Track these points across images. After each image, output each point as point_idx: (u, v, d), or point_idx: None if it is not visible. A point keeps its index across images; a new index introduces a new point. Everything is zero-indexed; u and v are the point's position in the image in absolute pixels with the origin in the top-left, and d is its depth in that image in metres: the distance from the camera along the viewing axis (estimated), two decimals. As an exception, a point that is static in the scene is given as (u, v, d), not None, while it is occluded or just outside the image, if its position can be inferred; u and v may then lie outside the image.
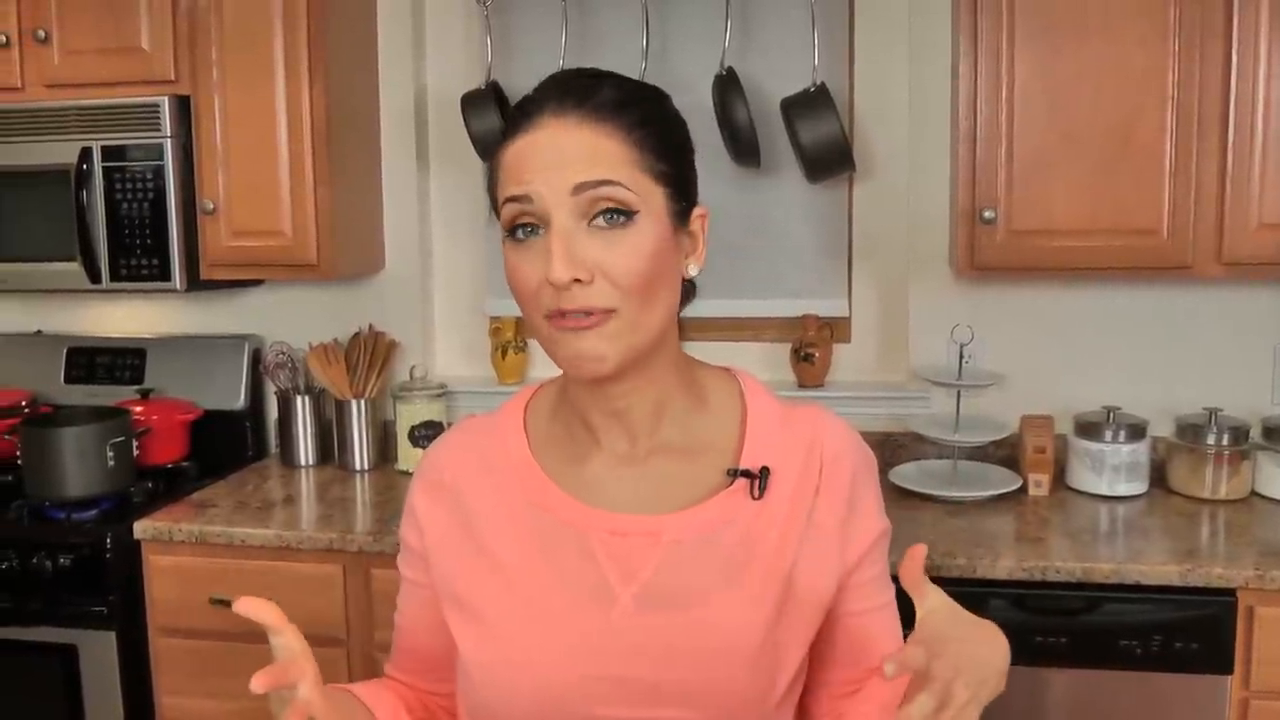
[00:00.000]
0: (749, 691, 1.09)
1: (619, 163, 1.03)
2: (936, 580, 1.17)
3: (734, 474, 1.13)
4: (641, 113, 1.06)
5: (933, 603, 0.96)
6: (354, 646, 2.28)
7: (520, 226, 1.04)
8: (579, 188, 1.01)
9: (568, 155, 1.02)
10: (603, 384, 1.09)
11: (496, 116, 2.61)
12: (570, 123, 1.03)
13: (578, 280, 1.00)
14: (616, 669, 1.08)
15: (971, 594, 2.03)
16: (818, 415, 1.19)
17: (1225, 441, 2.38)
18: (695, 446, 1.15)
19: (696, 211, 1.11)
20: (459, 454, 1.21)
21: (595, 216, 1.02)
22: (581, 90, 1.05)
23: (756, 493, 1.12)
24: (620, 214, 1.02)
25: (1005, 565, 2.04)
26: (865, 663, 1.19)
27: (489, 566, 1.14)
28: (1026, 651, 2.04)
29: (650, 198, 1.04)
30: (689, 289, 1.14)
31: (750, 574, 1.11)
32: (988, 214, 2.27)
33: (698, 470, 1.14)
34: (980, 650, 0.94)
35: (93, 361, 2.92)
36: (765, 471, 1.13)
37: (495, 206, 1.09)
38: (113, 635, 2.31)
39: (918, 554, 0.95)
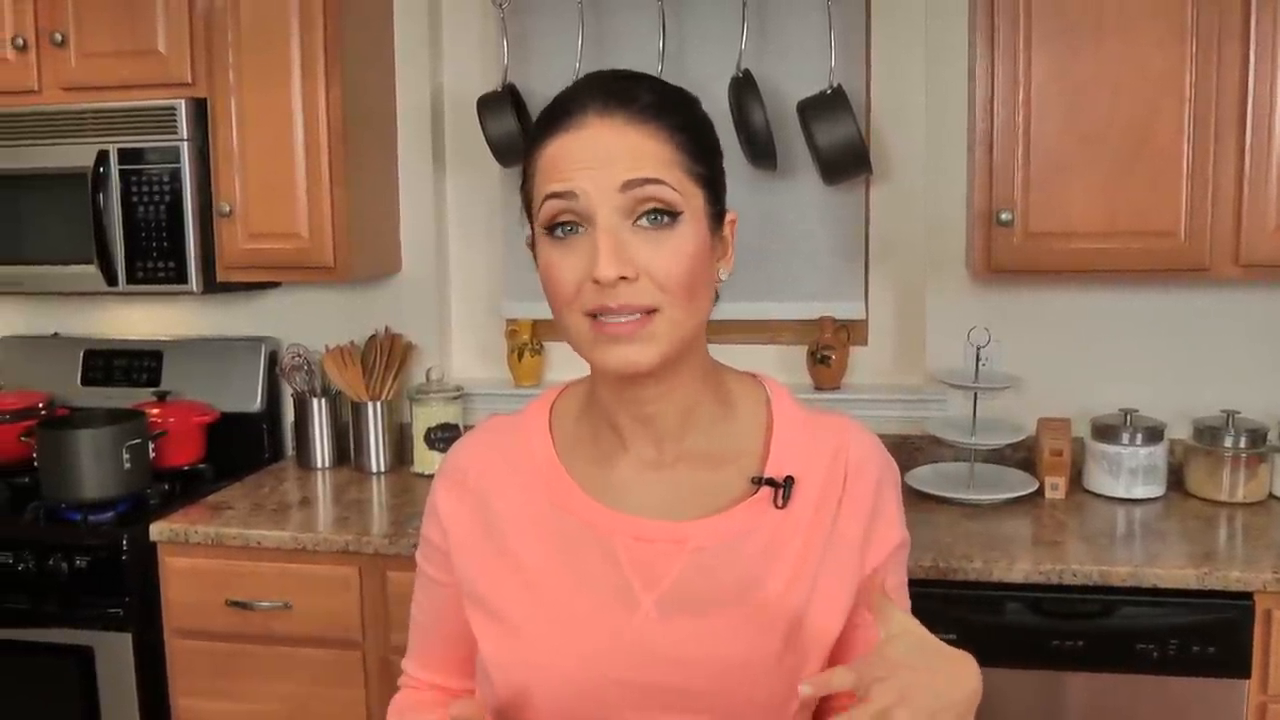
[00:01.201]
0: (768, 700, 1.09)
1: (664, 164, 1.03)
2: (951, 584, 1.17)
3: (758, 482, 1.13)
4: (681, 116, 1.07)
5: (896, 628, 0.94)
6: (370, 649, 2.29)
7: (561, 224, 1.04)
8: (628, 184, 1.01)
9: (614, 153, 1.02)
10: (633, 386, 1.09)
11: (513, 119, 2.61)
12: (616, 123, 1.03)
13: (623, 278, 1.01)
14: (637, 674, 1.08)
15: (988, 597, 2.04)
16: (843, 424, 1.19)
17: (1243, 444, 2.37)
18: (721, 453, 1.15)
19: (728, 216, 1.12)
20: (483, 454, 1.20)
21: (640, 217, 1.02)
22: (625, 92, 1.05)
23: (780, 502, 1.12)
24: (665, 215, 1.03)
25: (1022, 568, 2.03)
26: None
27: (511, 567, 1.14)
28: (1043, 655, 2.03)
29: (692, 199, 1.05)
30: (714, 293, 1.14)
31: (772, 582, 1.10)
32: (1005, 216, 2.27)
33: (722, 477, 1.14)
34: (936, 681, 0.92)
35: (109, 364, 2.93)
36: (789, 480, 1.12)
37: (527, 204, 1.09)
38: (129, 637, 2.32)
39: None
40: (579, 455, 1.17)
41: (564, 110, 1.06)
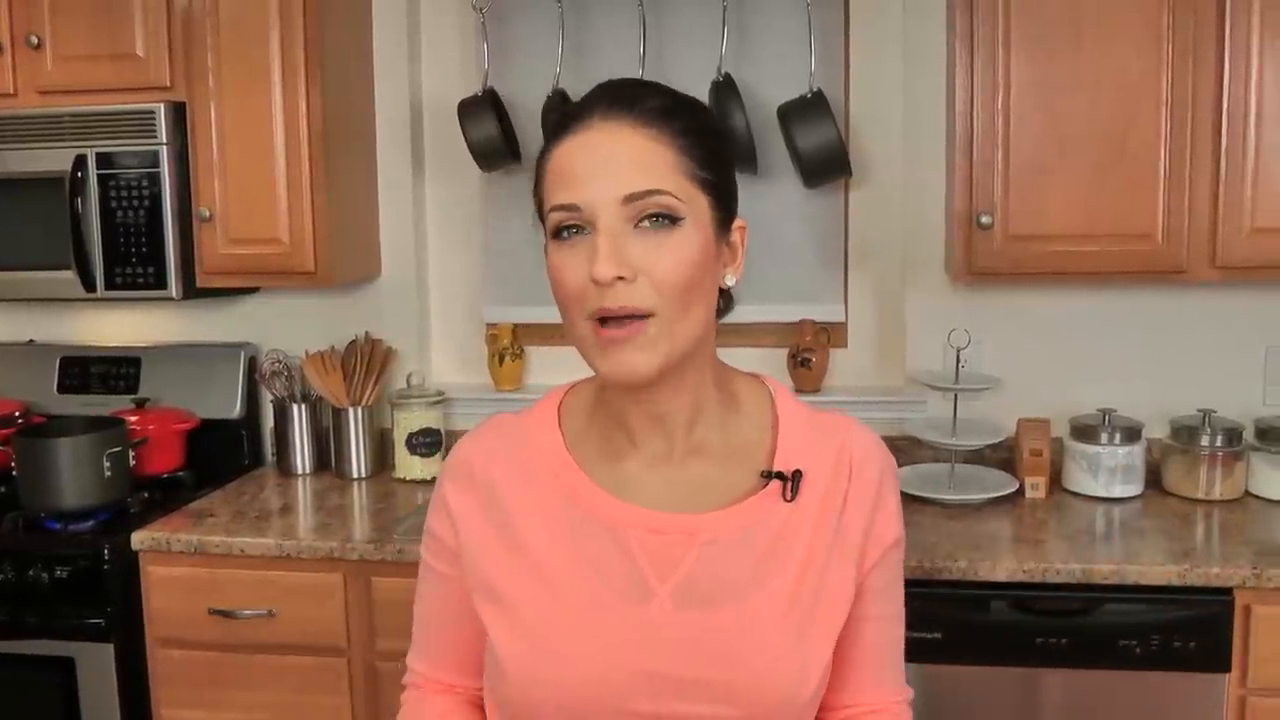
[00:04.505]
0: (781, 688, 1.11)
1: (667, 170, 1.05)
2: (936, 583, 1.21)
3: (768, 476, 1.15)
4: (687, 121, 1.09)
5: None
6: (355, 655, 2.27)
7: (566, 228, 1.06)
8: (629, 198, 1.04)
9: (618, 160, 1.05)
10: (641, 389, 1.11)
11: (494, 123, 2.61)
12: (619, 126, 1.06)
13: (621, 279, 1.02)
14: (653, 664, 1.10)
15: (973, 596, 2.06)
16: (845, 422, 1.22)
17: (1219, 443, 2.40)
18: (729, 449, 1.18)
19: (736, 223, 1.15)
20: (489, 449, 1.22)
21: (642, 220, 1.04)
22: (631, 97, 1.08)
23: (789, 495, 1.14)
24: (665, 218, 1.05)
25: (1006, 567, 2.06)
26: (851, 669, 1.21)
27: (524, 561, 1.15)
28: (1027, 653, 2.05)
29: (694, 204, 1.07)
30: (727, 300, 1.17)
31: (783, 573, 1.13)
32: (985, 219, 2.29)
33: (731, 472, 1.17)
34: None
35: (86, 371, 2.89)
36: (798, 474, 1.15)
37: (539, 209, 1.10)
38: (111, 647, 2.29)
39: None
40: (589, 451, 1.19)
41: (573, 114, 1.09)
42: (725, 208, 1.12)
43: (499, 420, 1.25)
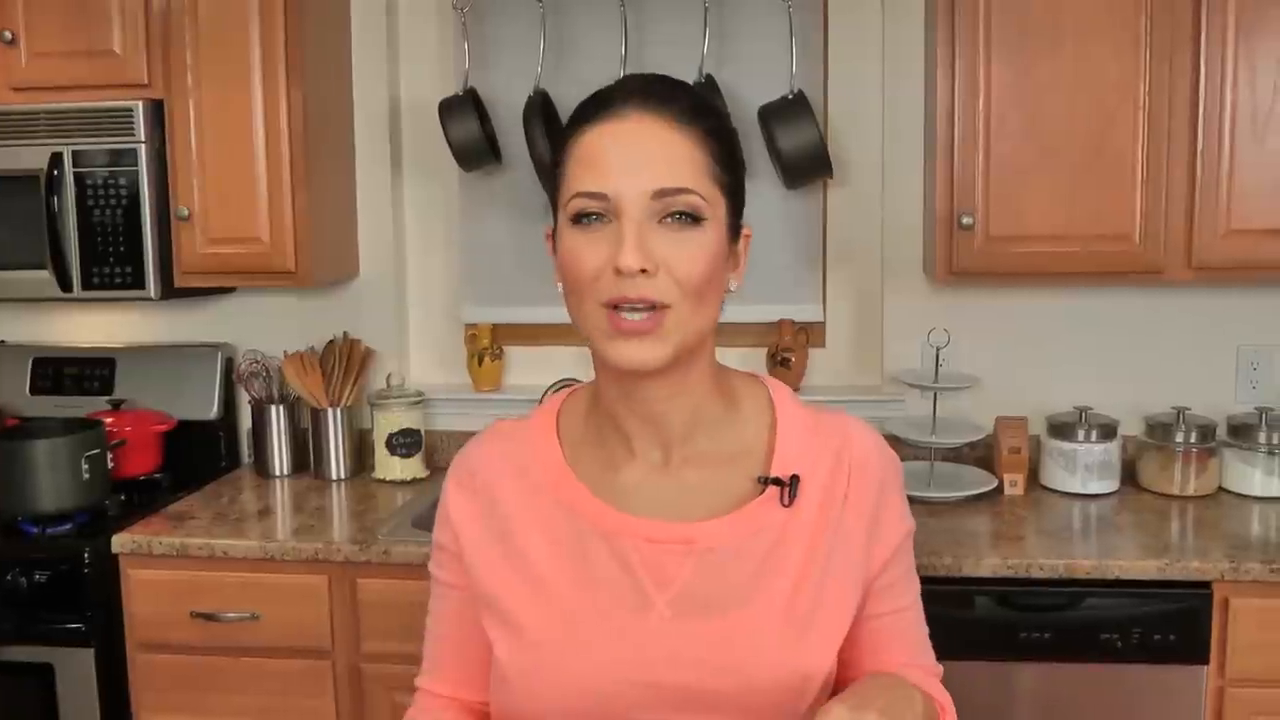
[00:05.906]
0: (782, 696, 1.11)
1: (696, 170, 1.06)
2: (923, 579, 1.23)
3: (765, 481, 1.14)
4: (713, 123, 1.10)
5: None
6: (339, 658, 2.26)
7: (587, 214, 1.06)
8: (659, 194, 1.04)
9: (652, 155, 1.05)
10: (641, 385, 1.11)
11: (475, 122, 2.60)
12: (655, 121, 1.06)
13: (643, 271, 1.03)
14: (653, 675, 1.09)
15: (958, 593, 2.09)
16: (845, 422, 1.21)
17: (1193, 439, 2.45)
18: (727, 454, 1.16)
19: (744, 230, 1.15)
20: (491, 457, 1.21)
21: (666, 216, 1.05)
22: (667, 93, 1.09)
23: (786, 500, 1.14)
24: (690, 217, 1.05)
25: (990, 563, 2.09)
26: (884, 664, 1.22)
27: (523, 571, 1.14)
28: (1010, 647, 2.09)
29: (716, 206, 1.08)
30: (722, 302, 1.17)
31: (782, 580, 1.12)
32: (966, 220, 2.32)
33: (729, 478, 1.16)
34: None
35: (59, 372, 2.84)
36: (795, 479, 1.14)
37: (554, 193, 1.11)
38: (90, 653, 2.27)
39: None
40: (586, 458, 1.18)
41: (605, 100, 1.09)
42: (737, 212, 1.12)
43: (500, 427, 1.25)
